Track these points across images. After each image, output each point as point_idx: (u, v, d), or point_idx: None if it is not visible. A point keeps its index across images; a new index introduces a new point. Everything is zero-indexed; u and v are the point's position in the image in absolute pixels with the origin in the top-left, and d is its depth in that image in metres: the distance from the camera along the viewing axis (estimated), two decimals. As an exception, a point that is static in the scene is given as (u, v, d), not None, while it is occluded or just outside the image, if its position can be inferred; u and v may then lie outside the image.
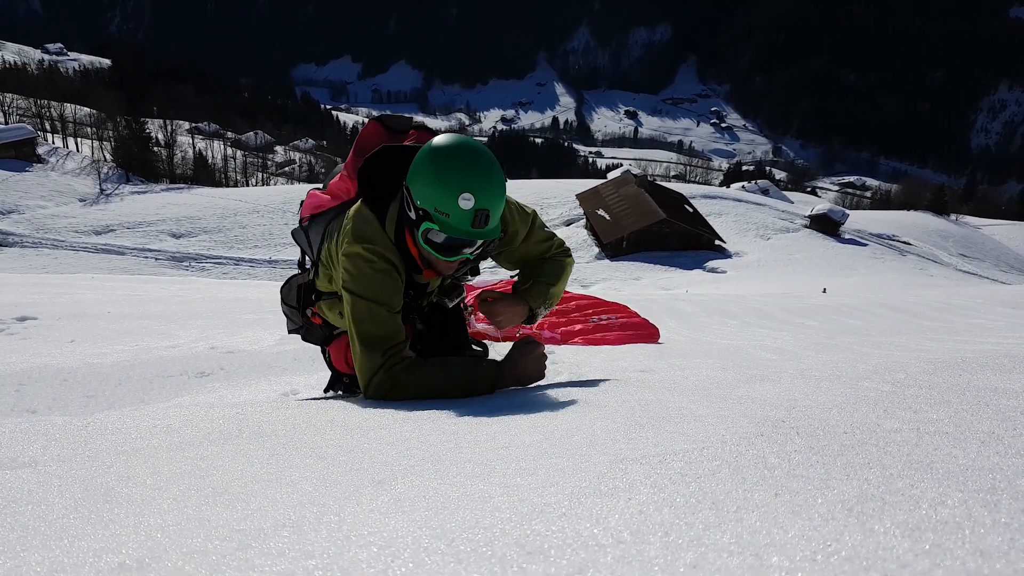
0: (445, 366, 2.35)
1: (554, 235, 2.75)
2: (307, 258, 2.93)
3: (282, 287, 3.06)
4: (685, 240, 50.39)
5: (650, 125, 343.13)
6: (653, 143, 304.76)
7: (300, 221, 2.88)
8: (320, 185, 2.97)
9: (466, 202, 2.06)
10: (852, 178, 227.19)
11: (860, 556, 0.55)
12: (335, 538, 0.73)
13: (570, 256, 2.80)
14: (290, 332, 3.07)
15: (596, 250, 49.75)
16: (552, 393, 2.17)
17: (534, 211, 2.71)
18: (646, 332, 4.84)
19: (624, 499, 0.78)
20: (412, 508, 0.84)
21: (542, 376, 2.50)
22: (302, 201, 2.91)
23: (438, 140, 2.17)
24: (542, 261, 2.73)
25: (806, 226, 57.69)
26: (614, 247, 49.41)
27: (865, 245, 55.06)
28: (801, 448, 1.05)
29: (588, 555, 0.61)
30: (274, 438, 1.57)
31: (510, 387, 2.42)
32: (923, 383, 1.97)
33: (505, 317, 2.54)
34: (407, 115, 2.88)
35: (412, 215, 2.21)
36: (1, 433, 1.66)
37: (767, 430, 1.21)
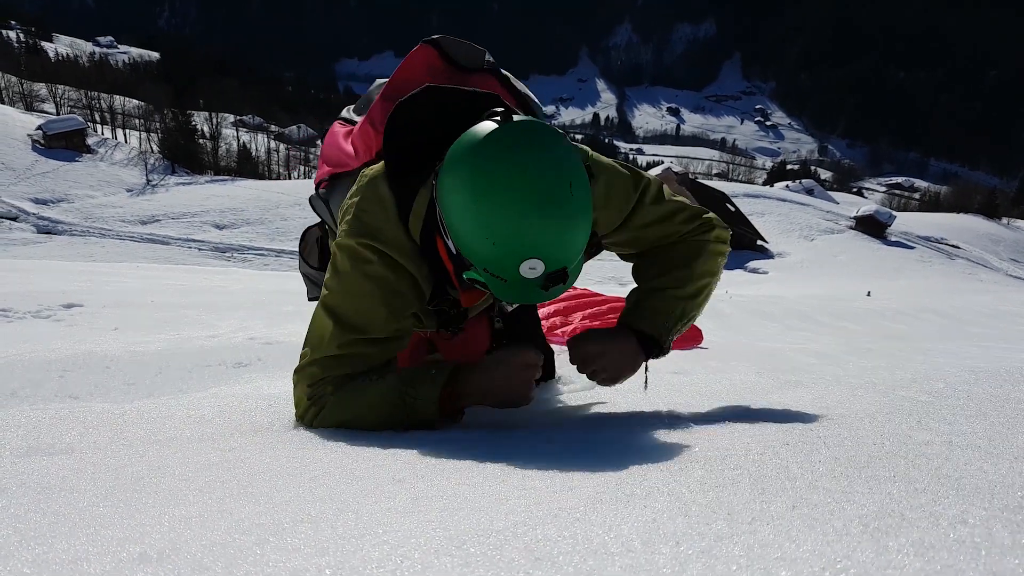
0: (361, 391, 1.63)
1: (683, 207, 1.84)
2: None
3: (300, 243, 2.39)
4: (726, 239, 49.78)
5: (693, 122, 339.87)
6: (695, 140, 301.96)
7: (317, 186, 2.09)
8: (348, 114, 2.16)
9: (532, 270, 1.36)
10: (900, 179, 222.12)
11: (868, 574, 0.54)
12: (350, 535, 0.74)
13: (714, 232, 1.90)
14: (311, 300, 2.29)
15: (635, 248, 49.45)
16: (583, 394, 2.17)
17: (647, 180, 1.82)
18: (690, 335, 4.72)
19: (640, 506, 0.78)
20: (428, 508, 0.85)
21: (526, 399, 1.64)
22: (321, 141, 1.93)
23: (482, 144, 1.35)
24: (665, 249, 1.86)
25: (851, 227, 56.68)
26: (653, 245, 49.04)
27: (912, 248, 53.90)
28: (826, 459, 1.04)
29: (596, 563, 0.61)
30: (303, 432, 1.59)
31: (480, 405, 1.68)
32: (962, 393, 1.92)
33: (609, 369, 1.70)
34: (479, 47, 2.02)
35: (448, 239, 1.49)
36: (42, 420, 1.72)
37: (794, 439, 1.19)
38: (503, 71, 2.04)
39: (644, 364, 1.77)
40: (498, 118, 1.38)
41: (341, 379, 1.64)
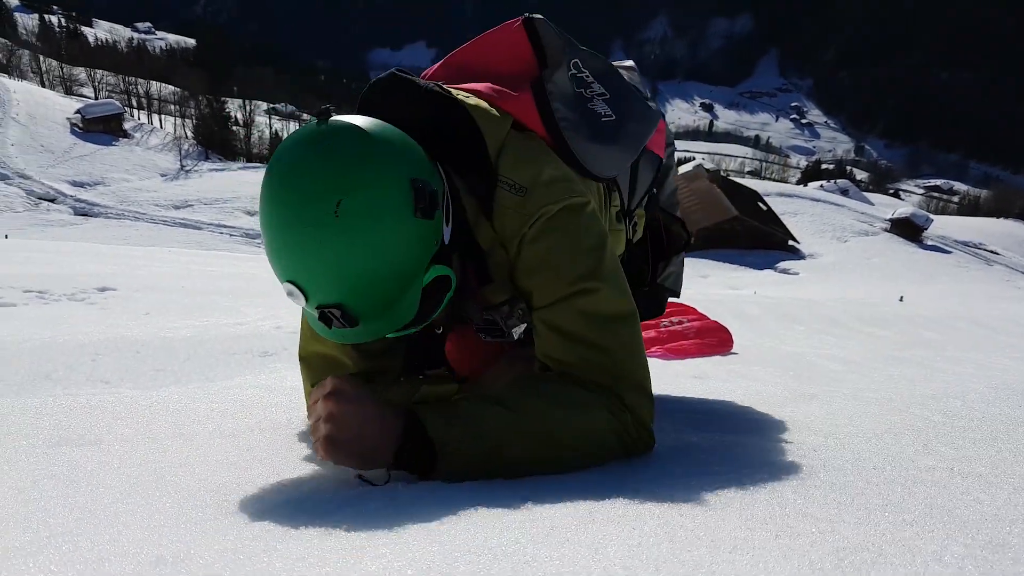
0: None
1: (620, 363, 1.31)
2: None
3: None
4: (757, 239, 49.33)
5: (726, 119, 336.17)
6: (728, 137, 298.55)
7: None
8: None
9: (293, 296, 1.15)
10: (939, 181, 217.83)
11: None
12: (352, 547, 0.78)
13: (629, 417, 1.30)
14: None
15: (663, 245, 49.12)
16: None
17: (600, 287, 1.31)
18: (720, 339, 4.68)
19: (628, 528, 0.81)
20: (428, 519, 0.89)
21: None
22: None
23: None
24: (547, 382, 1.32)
25: (887, 230, 55.77)
26: (682, 242, 48.74)
27: (949, 253, 52.91)
28: (822, 484, 1.06)
29: (577, 587, 0.64)
30: None
31: None
32: (977, 414, 1.92)
33: (333, 432, 1.11)
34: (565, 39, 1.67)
35: None
36: (73, 408, 1.78)
37: (795, 460, 1.21)
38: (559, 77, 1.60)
39: (387, 470, 1.16)
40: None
41: None
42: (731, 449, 1.35)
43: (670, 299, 2.14)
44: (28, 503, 0.98)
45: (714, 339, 4.71)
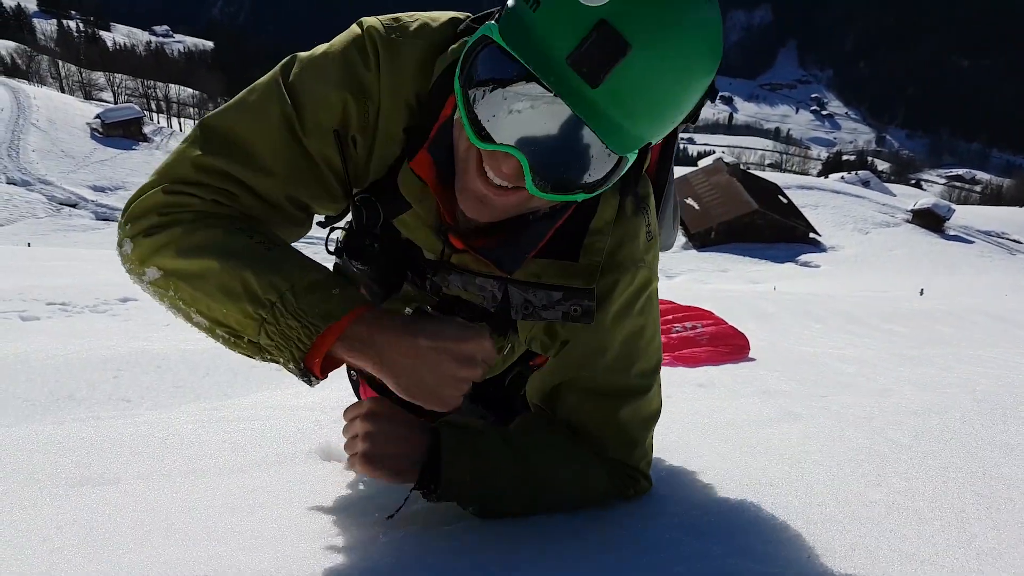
0: (223, 242, 1.09)
1: (643, 409, 1.36)
2: None
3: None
4: (777, 232, 49.05)
5: (746, 111, 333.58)
6: (748, 130, 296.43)
7: None
8: None
9: None
10: (961, 171, 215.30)
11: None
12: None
13: (638, 485, 1.37)
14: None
15: (683, 240, 48.98)
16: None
17: (648, 339, 1.35)
18: (736, 345, 4.64)
19: (570, 563, 0.92)
20: (430, 536, 1.00)
21: (447, 406, 1.10)
22: None
23: None
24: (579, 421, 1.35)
25: (908, 221, 55.24)
26: (702, 237, 48.60)
27: (972, 243, 52.31)
28: (765, 523, 1.16)
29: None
30: (320, 470, 1.72)
31: (368, 372, 1.10)
32: (949, 434, 1.99)
33: (371, 445, 1.16)
34: None
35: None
36: (94, 442, 1.91)
37: (747, 498, 1.31)
38: None
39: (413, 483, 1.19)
40: None
41: (207, 214, 1.15)
42: (691, 487, 1.43)
43: (685, 303, 2.04)
44: (52, 552, 1.11)
45: (728, 346, 4.65)
